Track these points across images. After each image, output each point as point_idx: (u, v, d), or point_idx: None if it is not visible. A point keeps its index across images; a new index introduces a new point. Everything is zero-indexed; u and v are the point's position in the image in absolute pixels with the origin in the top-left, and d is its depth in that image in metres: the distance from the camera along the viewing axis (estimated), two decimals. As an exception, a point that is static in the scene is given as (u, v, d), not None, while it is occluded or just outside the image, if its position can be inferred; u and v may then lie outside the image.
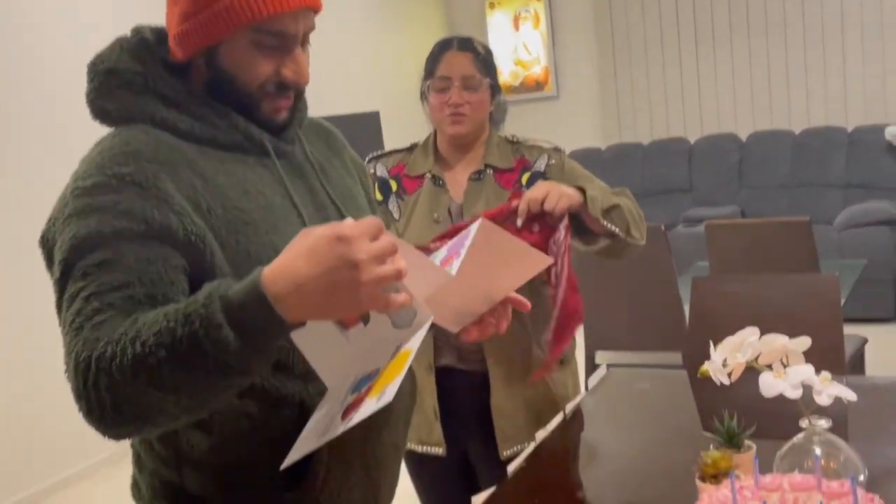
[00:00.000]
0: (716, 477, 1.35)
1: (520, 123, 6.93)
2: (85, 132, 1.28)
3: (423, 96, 1.98)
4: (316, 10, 1.16)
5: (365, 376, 1.02)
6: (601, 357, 3.54)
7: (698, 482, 1.37)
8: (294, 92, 1.19)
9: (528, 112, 6.95)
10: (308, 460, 1.13)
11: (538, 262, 1.26)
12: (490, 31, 6.94)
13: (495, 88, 1.95)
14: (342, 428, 0.96)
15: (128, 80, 1.14)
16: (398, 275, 0.94)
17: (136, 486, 1.21)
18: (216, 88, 1.15)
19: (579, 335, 3.70)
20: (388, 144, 5.81)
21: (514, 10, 6.86)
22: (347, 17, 5.64)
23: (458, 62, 1.89)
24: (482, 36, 6.95)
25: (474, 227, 1.17)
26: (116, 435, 0.98)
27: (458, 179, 1.96)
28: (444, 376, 1.91)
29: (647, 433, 1.83)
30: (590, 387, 2.05)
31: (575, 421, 1.86)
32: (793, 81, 6.09)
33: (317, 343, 1.02)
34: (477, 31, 6.98)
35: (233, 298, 0.94)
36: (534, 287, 1.82)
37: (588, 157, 6.30)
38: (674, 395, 2.03)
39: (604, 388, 2.08)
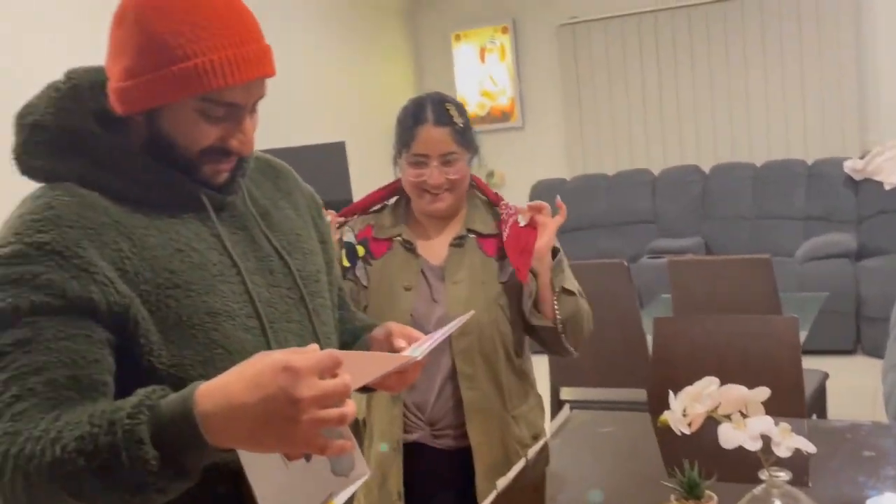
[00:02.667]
0: (676, 530, 1.34)
1: (486, 154, 6.94)
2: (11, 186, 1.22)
3: (395, 162, 1.90)
4: (269, 77, 1.12)
5: None
6: (566, 393, 3.53)
7: (659, 535, 1.36)
8: (237, 157, 1.14)
9: (495, 142, 6.97)
10: None
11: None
12: (456, 62, 6.99)
13: (474, 152, 1.89)
14: None
15: (55, 137, 1.09)
16: (341, 420, 0.89)
17: None
18: (154, 146, 1.10)
19: (544, 369, 3.69)
20: (354, 176, 5.81)
21: (480, 42, 6.91)
22: (313, 47, 5.63)
23: (436, 139, 1.80)
24: (448, 67, 6.99)
25: None
26: None
27: (434, 245, 1.89)
28: (411, 454, 1.83)
29: (610, 481, 1.82)
30: (552, 431, 2.03)
31: (537, 468, 1.83)
32: (753, 114, 6.19)
33: (259, 462, 0.97)
34: (443, 63, 7.02)
35: (162, 412, 0.90)
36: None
37: (553, 188, 6.33)
38: (638, 440, 2.02)
39: (566, 431, 2.06)
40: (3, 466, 0.91)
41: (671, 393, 1.49)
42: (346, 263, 1.89)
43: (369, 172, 6.23)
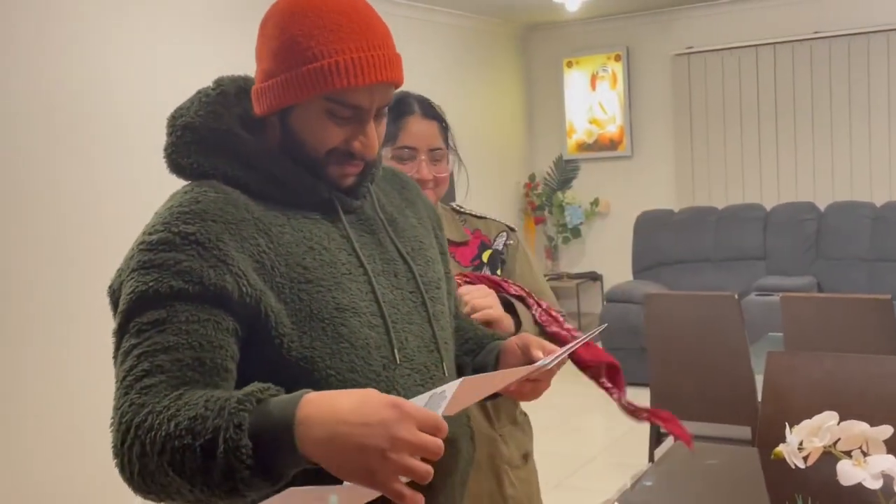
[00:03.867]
0: (788, 566, 1.30)
1: (593, 181, 6.94)
2: (163, 185, 1.29)
3: None
4: (395, 85, 1.17)
5: None
6: (666, 425, 3.45)
7: (769, 570, 1.32)
8: (363, 161, 1.18)
9: (601, 170, 6.94)
10: None
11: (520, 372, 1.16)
12: (566, 88, 7.00)
13: (455, 156, 1.81)
14: None
15: (203, 137, 1.16)
16: (424, 475, 0.90)
17: None
18: (286, 146, 1.16)
19: (644, 400, 3.62)
20: (460, 198, 5.85)
21: (591, 69, 6.91)
22: (422, 71, 5.75)
23: (425, 131, 1.71)
24: (558, 93, 7.01)
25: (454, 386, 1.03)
26: (143, 497, 1.00)
27: None
28: None
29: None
30: (656, 458, 2.00)
31: (638, 493, 1.81)
32: (875, 154, 5.96)
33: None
34: (553, 89, 7.04)
35: (268, 408, 0.92)
36: None
37: (660, 220, 6.25)
38: (743, 473, 1.97)
39: (670, 461, 2.03)
40: (126, 434, 0.97)
41: (787, 426, 1.45)
42: None
43: (476, 195, 6.28)
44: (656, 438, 3.37)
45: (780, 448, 1.46)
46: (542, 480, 1.79)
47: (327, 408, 0.91)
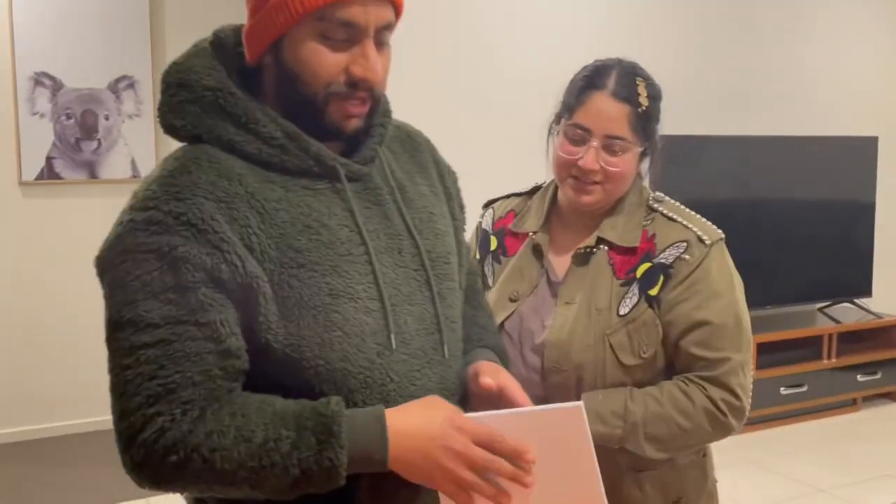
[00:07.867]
0: None
1: None
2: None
3: (552, 131, 1.51)
4: (392, 3, 1.04)
5: None
6: None
7: None
8: (368, 95, 1.06)
9: None
10: None
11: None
12: None
13: (649, 151, 1.47)
14: None
15: (196, 96, 1.07)
16: (471, 486, 0.99)
17: None
18: (282, 89, 1.06)
19: None
20: (882, 176, 4.97)
21: None
22: (861, 29, 4.95)
23: (608, 113, 1.40)
24: None
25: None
26: (152, 489, 1.01)
27: (566, 251, 1.50)
28: None
29: None
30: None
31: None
32: None
33: None
34: None
35: (354, 414, 1.00)
36: None
37: None
38: None
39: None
40: (171, 450, 0.97)
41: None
42: (478, 256, 1.57)
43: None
44: None
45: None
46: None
47: (406, 412, 1.01)
